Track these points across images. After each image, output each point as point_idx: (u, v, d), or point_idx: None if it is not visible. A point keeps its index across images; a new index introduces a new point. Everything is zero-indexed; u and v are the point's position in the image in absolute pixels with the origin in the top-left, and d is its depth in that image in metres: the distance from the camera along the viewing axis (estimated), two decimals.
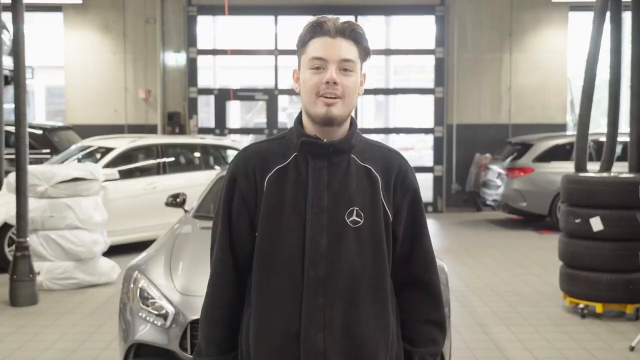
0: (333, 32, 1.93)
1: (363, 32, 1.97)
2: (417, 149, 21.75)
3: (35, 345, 5.30)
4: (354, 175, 1.97)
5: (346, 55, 1.92)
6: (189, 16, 13.11)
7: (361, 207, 1.95)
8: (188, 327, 3.80)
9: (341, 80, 1.91)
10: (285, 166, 1.97)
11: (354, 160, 1.99)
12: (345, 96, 1.93)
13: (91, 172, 7.23)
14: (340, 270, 1.92)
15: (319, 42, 1.93)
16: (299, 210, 1.94)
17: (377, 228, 1.96)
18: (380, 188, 1.98)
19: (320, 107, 1.92)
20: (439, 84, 13.20)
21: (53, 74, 17.86)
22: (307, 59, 1.94)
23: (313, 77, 1.92)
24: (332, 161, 1.96)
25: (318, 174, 1.95)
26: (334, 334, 1.91)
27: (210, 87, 13.92)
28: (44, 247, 6.94)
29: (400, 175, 2.01)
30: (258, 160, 1.99)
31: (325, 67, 1.91)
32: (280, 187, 1.96)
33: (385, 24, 17.35)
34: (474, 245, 9.64)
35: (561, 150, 10.64)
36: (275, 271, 1.94)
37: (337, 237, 1.93)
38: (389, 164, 2.02)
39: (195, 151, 9.96)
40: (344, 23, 1.94)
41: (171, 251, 4.45)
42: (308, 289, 1.91)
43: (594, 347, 5.24)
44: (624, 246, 5.81)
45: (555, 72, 13.02)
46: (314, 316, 1.91)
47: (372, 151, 2.03)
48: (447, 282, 4.28)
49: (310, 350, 1.90)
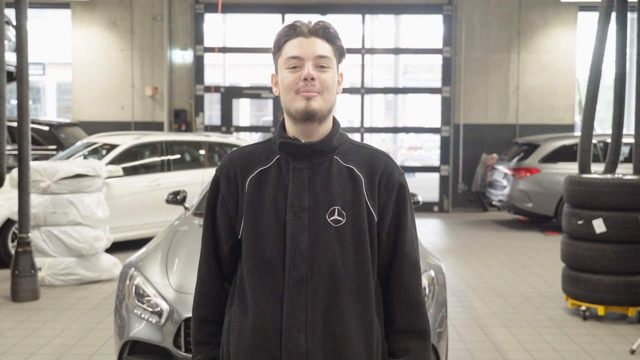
0: (307, 32, 1.94)
1: (336, 32, 1.98)
2: (425, 149, 21.69)
3: (34, 340, 5.31)
4: (336, 175, 1.96)
5: (321, 52, 1.94)
6: (196, 14, 13.12)
7: (343, 206, 1.94)
8: (182, 325, 3.80)
9: (318, 75, 1.92)
10: (267, 168, 1.98)
11: (336, 161, 1.98)
12: (324, 91, 1.93)
13: (94, 169, 7.24)
14: (321, 270, 1.91)
15: (294, 42, 1.94)
16: (279, 210, 1.93)
17: (359, 228, 1.94)
18: (363, 188, 1.96)
19: (300, 102, 1.92)
20: (446, 83, 13.15)
21: (64, 71, 17.93)
22: (284, 60, 1.95)
23: (290, 76, 1.93)
24: (313, 162, 1.96)
25: (299, 175, 1.95)
26: (316, 335, 1.89)
27: (218, 84, 13.93)
28: (46, 242, 6.96)
29: (385, 175, 1.99)
30: (241, 163, 2.01)
31: (302, 65, 1.92)
32: (261, 188, 1.97)
33: (394, 23, 17.33)
34: (478, 245, 9.59)
35: (568, 151, 10.56)
36: (257, 271, 1.94)
37: (318, 236, 1.92)
38: (373, 164, 2.00)
39: (200, 149, 9.97)
40: (317, 24, 1.95)
41: (168, 248, 4.44)
42: (290, 289, 1.90)
43: (595, 350, 5.20)
44: (627, 248, 5.76)
45: (563, 73, 12.94)
46: (296, 316, 1.90)
47: (357, 152, 2.02)
48: (445, 282, 4.25)
49: (292, 351, 1.89)
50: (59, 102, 23.60)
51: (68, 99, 20.10)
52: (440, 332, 3.98)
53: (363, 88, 13.52)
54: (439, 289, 4.13)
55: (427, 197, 12.80)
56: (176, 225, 5.09)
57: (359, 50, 13.31)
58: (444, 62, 13.17)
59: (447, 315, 4.13)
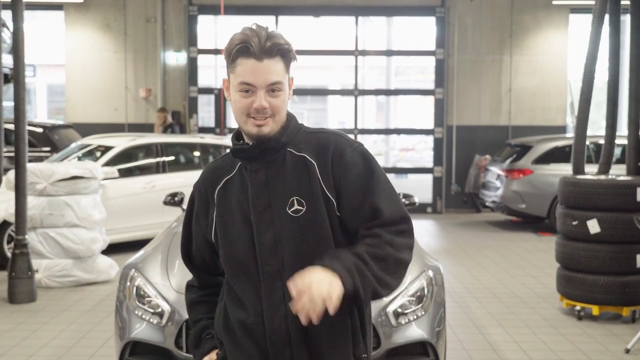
0: (259, 53, 1.92)
1: (287, 43, 1.97)
2: (417, 150, 21.75)
3: (33, 342, 5.32)
4: (290, 167, 2.01)
5: (274, 79, 1.95)
6: (190, 15, 13.13)
7: (300, 195, 1.99)
8: (183, 326, 3.81)
9: (270, 101, 1.96)
10: (231, 177, 2.09)
11: (290, 153, 2.03)
12: (275, 114, 1.99)
13: (90, 171, 7.25)
14: (291, 261, 1.98)
15: (246, 66, 1.93)
16: (245, 213, 2.03)
17: (319, 214, 1.97)
18: (317, 173, 1.99)
19: (251, 127, 1.98)
20: (439, 85, 13.22)
21: (55, 72, 17.90)
22: (236, 82, 1.96)
23: (242, 100, 1.96)
24: (268, 160, 2.02)
25: (255, 175, 2.03)
26: (297, 323, 1.94)
27: (211, 86, 13.95)
28: (43, 244, 6.96)
29: (337, 152, 2.00)
30: (210, 176, 2.14)
31: (254, 91, 1.95)
32: (227, 195, 2.07)
33: (386, 25, 17.37)
34: (472, 246, 9.65)
35: (560, 152, 10.65)
36: (236, 272, 2.06)
37: (282, 230, 1.99)
38: (323, 146, 2.02)
39: (195, 150, 9.98)
40: (268, 41, 1.93)
41: (168, 249, 4.46)
42: (266, 284, 2.01)
43: (590, 350, 5.25)
44: (621, 249, 5.82)
45: (555, 75, 13.03)
46: (276, 309, 2.00)
47: (310, 139, 2.05)
48: (443, 283, 4.29)
49: (276, 342, 2.00)
50: (50, 104, 23.51)
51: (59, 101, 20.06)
52: (439, 332, 4.01)
53: (357, 90, 13.56)
54: (438, 289, 4.17)
55: (420, 198, 12.82)
56: (175, 227, 5.10)
57: (352, 52, 13.36)
58: (437, 64, 13.23)
59: (445, 316, 4.17)
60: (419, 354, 3.94)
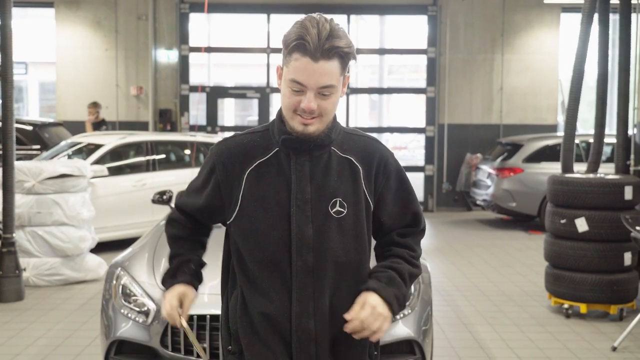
0: (316, 54, 1.87)
1: (347, 45, 1.91)
2: (410, 149, 21.76)
3: (19, 341, 5.29)
4: (335, 167, 2.03)
5: (326, 82, 1.91)
6: (181, 13, 13.09)
7: (344, 197, 2.01)
8: (169, 324, 3.80)
9: (319, 103, 1.93)
10: (266, 160, 2.02)
11: (334, 153, 2.04)
12: (323, 115, 1.96)
13: (79, 169, 7.22)
14: (326, 260, 1.99)
15: (300, 64, 1.89)
16: (282, 203, 1.99)
17: (359, 217, 2.04)
18: (361, 178, 2.04)
19: (297, 124, 1.96)
20: (430, 83, 13.22)
21: (47, 70, 17.82)
22: (288, 77, 1.93)
23: (292, 97, 1.94)
24: (313, 155, 2.01)
25: (301, 168, 2.00)
26: (324, 320, 2.00)
27: (203, 84, 13.91)
28: (31, 243, 6.93)
29: (382, 164, 2.08)
30: (239, 153, 2.04)
31: (304, 91, 1.91)
32: (261, 180, 2.01)
33: (379, 24, 17.37)
34: (462, 244, 9.66)
35: (551, 151, 10.66)
36: (264, 262, 2.01)
37: (322, 227, 2.00)
38: (369, 154, 2.07)
39: (185, 148, 9.96)
40: (327, 42, 1.87)
41: (154, 248, 4.44)
42: (297, 279, 1.99)
43: (577, 347, 5.26)
44: (609, 247, 5.84)
45: (546, 74, 13.05)
46: (305, 304, 1.99)
47: (352, 141, 2.08)
48: (430, 281, 4.29)
49: (302, 337, 1.99)
50: (42, 101, 23.42)
51: (51, 99, 19.98)
52: (426, 330, 4.01)
53: (348, 88, 13.54)
54: (424, 287, 4.16)
55: None
56: (162, 225, 5.08)
57: None
58: (429, 63, 13.23)
59: (432, 314, 4.17)
60: (406, 353, 3.93)
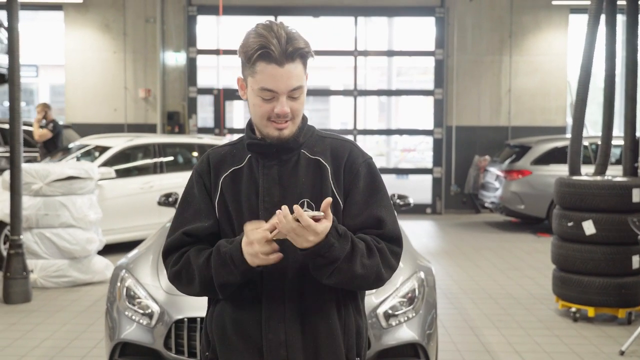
0: (280, 58, 1.89)
1: (306, 45, 1.93)
2: (418, 151, 21.74)
3: (26, 342, 5.31)
4: (303, 168, 2.02)
5: (295, 85, 1.93)
6: (189, 16, 13.13)
7: (312, 198, 1.99)
8: (172, 327, 3.81)
9: (291, 105, 1.95)
10: (240, 168, 2.06)
11: (303, 155, 2.04)
12: (295, 117, 1.99)
13: (86, 171, 7.24)
14: (295, 261, 1.96)
15: (267, 72, 1.90)
16: (252, 207, 2.01)
17: None
18: (329, 176, 2.02)
19: (272, 130, 1.97)
20: (438, 85, 13.20)
21: (58, 73, 17.91)
22: (257, 87, 1.93)
23: (264, 105, 1.95)
24: (282, 159, 2.02)
25: (268, 172, 2.01)
26: (295, 325, 1.98)
27: (211, 86, 13.94)
28: (38, 245, 6.96)
29: (350, 160, 2.04)
30: (216, 162, 2.08)
31: (276, 97, 1.93)
32: (234, 187, 2.04)
33: (387, 25, 17.37)
34: (470, 247, 9.62)
35: (559, 153, 10.61)
36: None
37: None
38: (339, 152, 2.05)
39: (193, 151, 9.98)
40: (289, 45, 1.89)
41: (159, 250, 4.45)
42: (266, 282, 1.98)
43: (584, 351, 5.23)
44: (617, 250, 5.79)
45: (555, 75, 13.00)
46: (275, 308, 1.98)
47: (324, 143, 2.07)
48: (435, 284, 4.27)
49: (272, 340, 1.98)
50: (53, 104, 23.37)
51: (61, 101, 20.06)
52: (430, 334, 4.00)
53: (356, 90, 13.54)
54: (429, 290, 4.15)
55: (419, 199, 12.85)
56: (167, 228, 5.09)
57: (352, 53, 13.34)
58: (437, 65, 13.21)
59: (437, 317, 4.16)
60: (410, 356, 3.92)
